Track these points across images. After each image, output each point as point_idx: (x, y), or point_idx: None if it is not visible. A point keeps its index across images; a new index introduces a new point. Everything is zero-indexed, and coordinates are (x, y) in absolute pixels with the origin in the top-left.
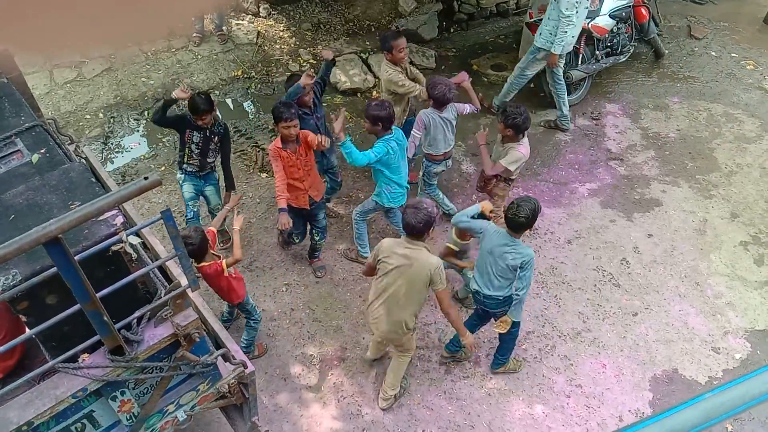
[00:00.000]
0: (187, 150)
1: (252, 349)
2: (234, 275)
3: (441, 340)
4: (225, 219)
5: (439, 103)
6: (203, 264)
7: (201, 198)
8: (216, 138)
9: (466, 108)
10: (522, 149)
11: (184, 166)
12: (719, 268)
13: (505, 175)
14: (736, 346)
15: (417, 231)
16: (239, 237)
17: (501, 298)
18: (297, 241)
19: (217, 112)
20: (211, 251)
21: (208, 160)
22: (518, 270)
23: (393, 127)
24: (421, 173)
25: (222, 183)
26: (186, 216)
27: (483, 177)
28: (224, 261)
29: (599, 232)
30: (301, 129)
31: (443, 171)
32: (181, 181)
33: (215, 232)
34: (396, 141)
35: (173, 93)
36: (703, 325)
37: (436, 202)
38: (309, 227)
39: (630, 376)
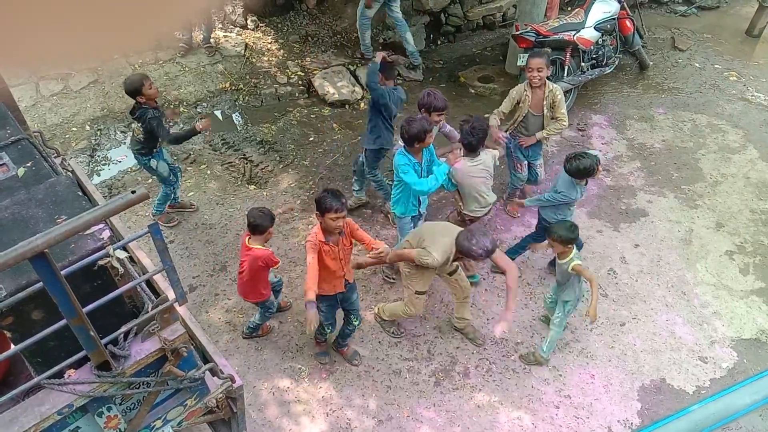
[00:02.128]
0: (154, 136)
1: (258, 332)
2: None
3: (430, 352)
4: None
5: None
6: (256, 246)
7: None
8: (161, 113)
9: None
10: (458, 164)
11: (155, 148)
12: (705, 277)
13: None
14: (723, 355)
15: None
16: None
17: None
18: (329, 331)
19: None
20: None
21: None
22: None
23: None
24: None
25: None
26: (164, 194)
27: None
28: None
29: (586, 242)
30: (383, 102)
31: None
32: (155, 165)
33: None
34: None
35: (198, 125)
36: (690, 335)
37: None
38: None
39: (618, 386)
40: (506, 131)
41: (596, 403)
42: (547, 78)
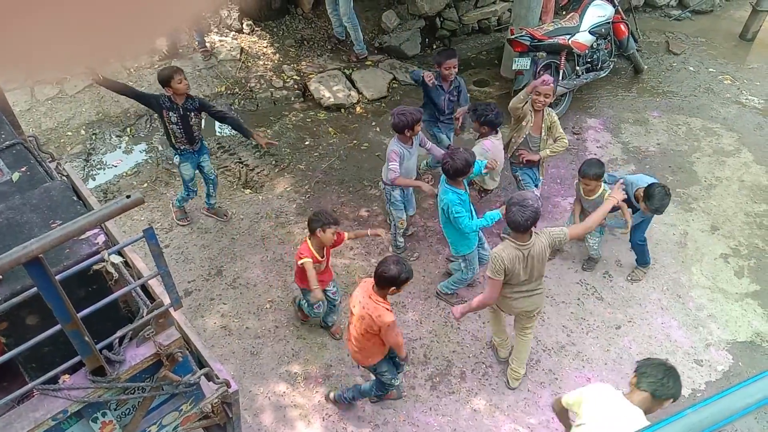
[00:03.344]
0: (170, 132)
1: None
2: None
3: (426, 356)
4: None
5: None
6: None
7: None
8: (193, 114)
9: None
10: (487, 143)
11: (177, 146)
12: (700, 280)
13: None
14: (719, 358)
15: (524, 229)
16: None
17: None
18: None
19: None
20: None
21: (194, 134)
22: None
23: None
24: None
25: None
26: (184, 196)
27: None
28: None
29: (581, 246)
30: (434, 102)
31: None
32: (178, 163)
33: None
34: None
35: (261, 140)
36: (686, 338)
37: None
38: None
39: None
40: (508, 155)
41: None
42: None
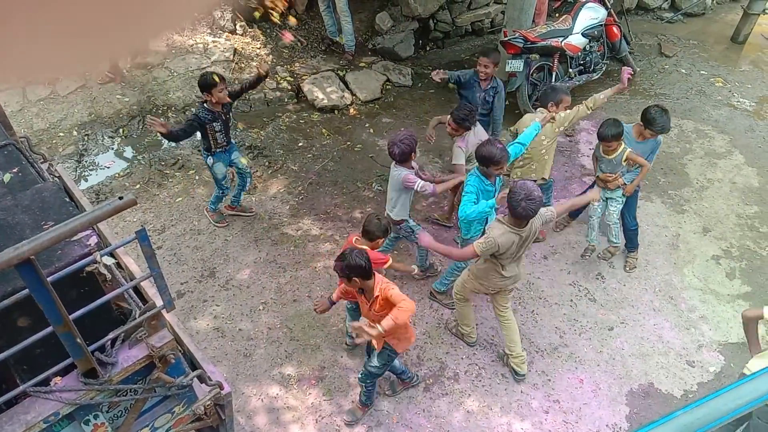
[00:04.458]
0: (212, 140)
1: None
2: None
3: (419, 357)
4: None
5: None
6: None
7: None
8: (230, 114)
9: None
10: (461, 143)
11: (215, 150)
12: (692, 282)
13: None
14: (710, 359)
15: (528, 220)
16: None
17: None
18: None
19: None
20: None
21: (230, 134)
22: None
23: None
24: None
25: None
26: (219, 195)
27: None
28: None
29: (575, 247)
30: (469, 100)
31: None
32: (211, 164)
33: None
34: None
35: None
36: (678, 339)
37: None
38: None
39: (607, 391)
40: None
41: (585, 407)
42: (534, 83)
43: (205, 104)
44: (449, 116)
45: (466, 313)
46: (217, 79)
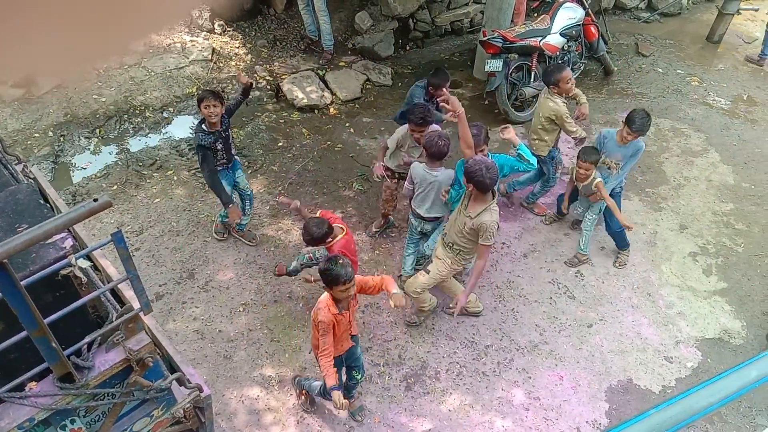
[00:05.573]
0: (217, 157)
1: None
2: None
3: (401, 356)
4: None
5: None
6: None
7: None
8: (229, 131)
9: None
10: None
11: (216, 167)
12: (670, 278)
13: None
14: (688, 355)
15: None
16: None
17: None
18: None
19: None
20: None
21: (232, 151)
22: None
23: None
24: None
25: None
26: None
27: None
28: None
29: (554, 245)
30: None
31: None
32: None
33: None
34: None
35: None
36: (656, 335)
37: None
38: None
39: (587, 387)
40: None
41: (565, 404)
42: (513, 82)
43: (203, 126)
44: (407, 125)
45: (424, 298)
46: (203, 95)
